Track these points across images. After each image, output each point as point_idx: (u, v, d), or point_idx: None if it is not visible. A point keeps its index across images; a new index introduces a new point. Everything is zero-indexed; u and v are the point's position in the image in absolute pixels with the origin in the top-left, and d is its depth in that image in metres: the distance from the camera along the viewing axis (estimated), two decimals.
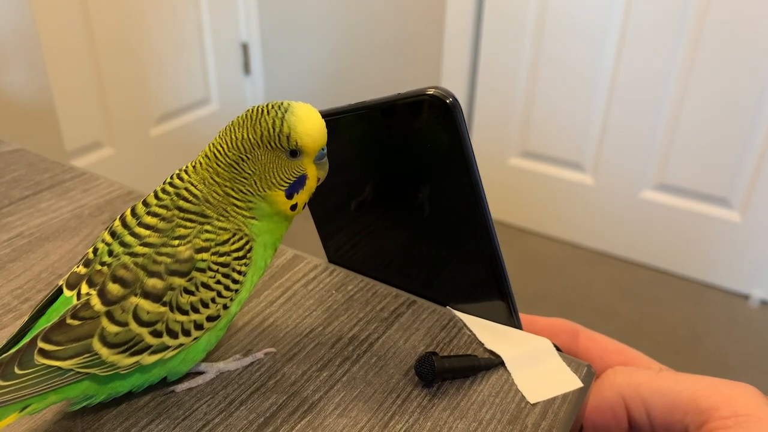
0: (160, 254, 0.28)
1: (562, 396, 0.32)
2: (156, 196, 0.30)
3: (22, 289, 0.39)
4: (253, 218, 0.30)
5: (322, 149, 0.31)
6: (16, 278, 0.40)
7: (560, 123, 1.64)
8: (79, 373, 0.27)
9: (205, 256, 0.28)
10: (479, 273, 0.35)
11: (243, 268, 0.30)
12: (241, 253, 0.29)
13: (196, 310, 0.29)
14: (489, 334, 0.36)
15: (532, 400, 0.32)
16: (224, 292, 0.29)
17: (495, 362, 0.34)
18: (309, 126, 0.29)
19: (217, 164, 0.29)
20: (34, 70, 1.13)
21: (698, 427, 0.30)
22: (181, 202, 0.29)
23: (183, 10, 1.73)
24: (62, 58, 1.47)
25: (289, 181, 0.30)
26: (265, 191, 0.30)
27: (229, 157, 0.29)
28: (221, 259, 0.29)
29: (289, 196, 0.30)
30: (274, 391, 0.32)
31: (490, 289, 0.35)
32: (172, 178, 0.30)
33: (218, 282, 0.29)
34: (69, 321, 0.27)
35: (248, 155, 0.29)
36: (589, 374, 0.33)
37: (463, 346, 0.35)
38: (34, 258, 0.42)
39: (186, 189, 0.30)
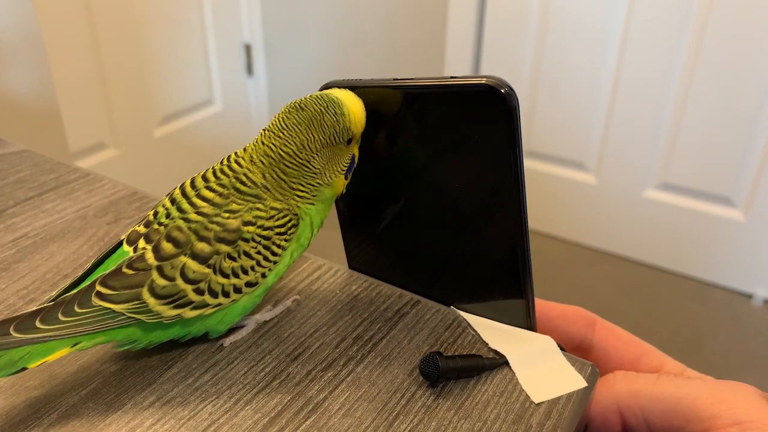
0: (212, 222, 0.31)
1: (566, 396, 0.32)
2: (215, 174, 0.33)
3: (27, 290, 0.39)
4: (311, 204, 0.34)
5: None
6: (21, 279, 0.40)
7: (563, 122, 1.64)
8: (128, 318, 0.31)
9: (250, 228, 0.32)
10: (505, 273, 0.34)
11: (283, 243, 0.33)
12: (283, 230, 0.33)
13: (236, 275, 0.32)
14: (493, 333, 0.36)
15: (536, 399, 0.32)
16: (263, 262, 0.32)
17: (499, 362, 0.34)
18: (360, 116, 0.33)
19: (285, 165, 0.32)
20: (38, 72, 1.14)
21: None
22: (239, 185, 0.33)
23: (186, 12, 1.74)
24: (66, 59, 1.47)
25: (347, 165, 0.34)
26: (332, 179, 0.34)
27: (300, 158, 0.32)
28: (264, 233, 0.32)
29: (346, 177, 0.35)
30: (278, 391, 0.32)
31: (513, 287, 0.34)
32: (229, 161, 0.33)
33: (258, 252, 0.32)
34: (125, 270, 0.31)
35: (317, 154, 0.33)
36: (594, 374, 0.33)
37: (467, 346, 0.35)
38: (39, 259, 0.42)
39: (245, 175, 0.33)
